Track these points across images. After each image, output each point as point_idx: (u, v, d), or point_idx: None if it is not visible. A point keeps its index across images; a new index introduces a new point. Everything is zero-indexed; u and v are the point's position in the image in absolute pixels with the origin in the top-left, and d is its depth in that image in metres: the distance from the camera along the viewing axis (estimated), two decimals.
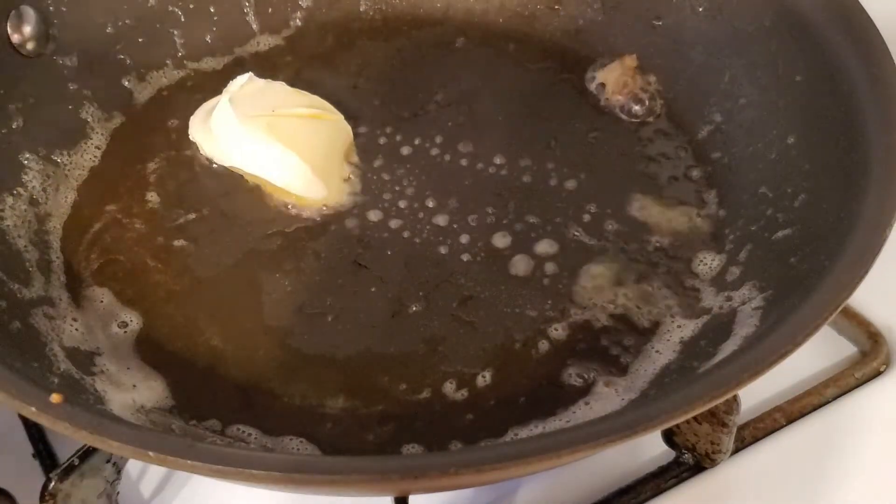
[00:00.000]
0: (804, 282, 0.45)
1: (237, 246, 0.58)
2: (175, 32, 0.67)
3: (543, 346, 0.52)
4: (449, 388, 0.51)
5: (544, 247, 0.57)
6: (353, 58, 0.69)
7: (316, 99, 0.61)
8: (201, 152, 0.61)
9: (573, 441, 0.37)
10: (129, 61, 0.65)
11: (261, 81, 0.61)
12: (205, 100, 0.64)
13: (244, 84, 0.60)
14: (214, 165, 0.61)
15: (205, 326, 0.54)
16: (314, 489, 0.44)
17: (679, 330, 0.52)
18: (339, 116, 0.61)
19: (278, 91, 0.61)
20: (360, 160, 0.62)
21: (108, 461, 0.50)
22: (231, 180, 0.61)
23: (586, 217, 0.59)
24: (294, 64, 0.68)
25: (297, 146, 0.58)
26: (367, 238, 0.58)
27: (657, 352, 0.51)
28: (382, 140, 0.64)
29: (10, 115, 0.58)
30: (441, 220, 0.59)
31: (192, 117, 0.62)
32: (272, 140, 0.58)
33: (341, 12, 0.72)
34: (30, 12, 0.60)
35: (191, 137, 0.62)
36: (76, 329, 0.52)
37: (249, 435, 0.48)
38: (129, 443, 0.37)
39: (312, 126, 0.59)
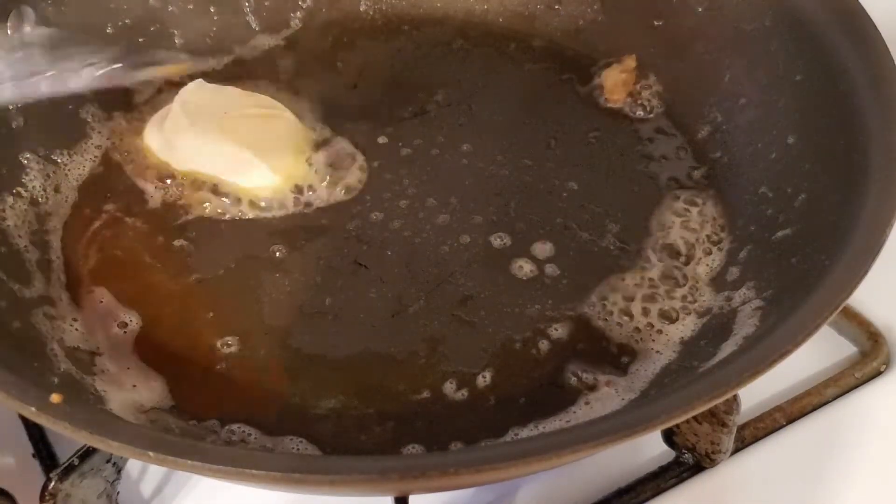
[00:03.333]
0: (804, 282, 0.45)
1: (237, 246, 0.58)
2: (175, 32, 0.67)
3: (543, 346, 0.52)
4: (449, 388, 0.51)
5: (544, 247, 0.57)
6: (353, 58, 0.69)
7: (265, 99, 0.62)
8: (157, 158, 0.61)
9: (573, 441, 0.37)
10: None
11: (211, 86, 0.62)
12: None
13: (194, 90, 0.61)
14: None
15: (205, 326, 0.54)
16: (314, 489, 0.44)
17: (679, 330, 0.52)
18: (289, 113, 0.62)
19: (229, 94, 0.62)
20: (363, 161, 0.62)
21: (108, 461, 0.50)
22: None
23: (586, 217, 0.59)
24: (294, 64, 0.68)
25: (250, 144, 0.59)
26: (368, 238, 0.58)
27: (657, 352, 0.51)
28: (382, 140, 0.64)
29: (10, 115, 0.58)
30: (441, 220, 0.59)
31: (147, 125, 0.62)
32: (226, 140, 0.59)
33: (341, 12, 0.72)
34: (30, 12, 0.60)
35: (146, 144, 0.62)
36: (76, 329, 0.52)
37: (249, 435, 0.48)
38: (129, 443, 0.37)
39: (263, 124, 0.60)
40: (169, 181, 0.60)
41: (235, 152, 0.59)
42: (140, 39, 0.66)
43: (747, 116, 0.60)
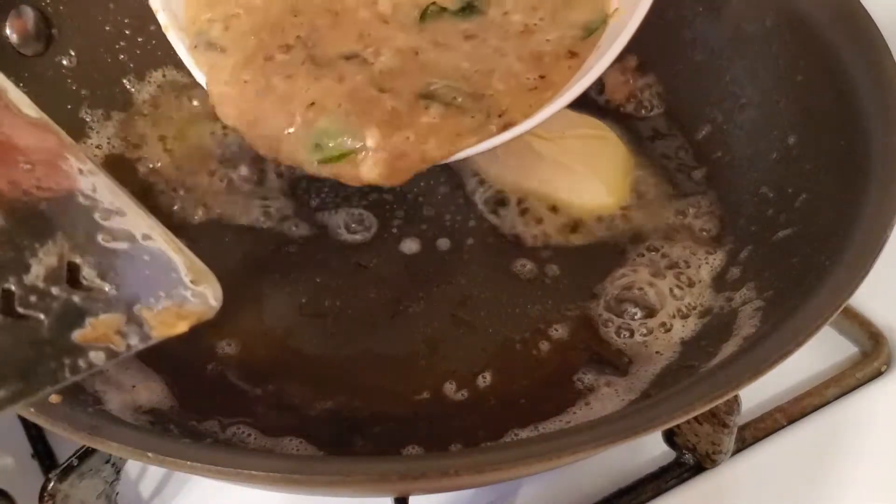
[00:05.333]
0: (805, 282, 0.45)
1: (237, 246, 0.58)
2: None
3: (543, 346, 0.52)
4: (449, 388, 0.51)
5: (545, 247, 0.57)
6: None
7: (593, 120, 0.61)
8: (489, 177, 0.60)
9: (573, 442, 0.37)
10: (129, 61, 0.65)
11: None
12: (205, 100, 0.64)
13: None
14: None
15: (204, 327, 0.53)
16: (314, 490, 0.44)
17: (679, 330, 0.52)
18: (614, 135, 0.61)
19: (557, 113, 0.61)
20: None
21: (106, 462, 0.50)
22: (230, 181, 0.61)
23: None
24: None
25: (588, 165, 0.59)
26: (368, 238, 0.58)
27: (657, 352, 0.51)
28: None
29: None
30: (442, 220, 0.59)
31: None
32: (566, 161, 0.58)
33: None
34: (29, 12, 0.60)
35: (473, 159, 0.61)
36: None
37: (249, 436, 0.48)
38: (128, 444, 0.37)
39: (596, 146, 0.60)
40: (182, 192, 0.60)
41: (575, 173, 0.58)
42: (140, 39, 0.66)
43: (748, 116, 0.59)
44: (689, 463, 0.54)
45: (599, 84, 0.66)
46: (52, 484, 0.48)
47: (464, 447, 0.48)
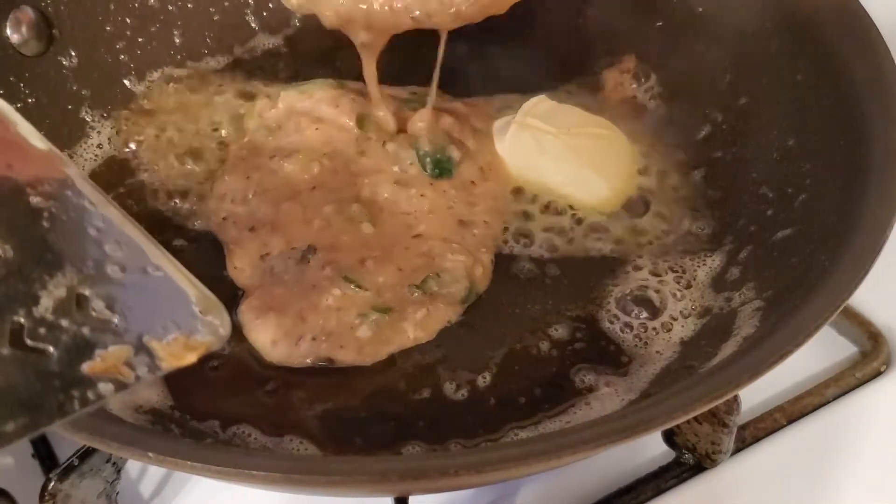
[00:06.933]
0: (804, 282, 0.45)
1: None
2: (175, 32, 0.67)
3: (544, 346, 0.52)
4: (449, 388, 0.51)
5: (545, 247, 0.57)
6: (352, 58, 0.69)
7: (601, 119, 0.62)
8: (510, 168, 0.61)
9: (573, 442, 0.37)
10: (129, 61, 0.65)
11: (551, 103, 0.62)
12: (204, 99, 0.64)
13: (536, 105, 0.61)
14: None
15: None
16: (314, 490, 0.44)
17: (679, 330, 0.52)
18: (621, 134, 0.62)
19: (568, 112, 0.62)
20: None
21: (107, 461, 0.50)
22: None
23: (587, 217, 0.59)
24: (293, 64, 0.68)
25: (591, 162, 0.59)
26: None
27: (657, 352, 0.51)
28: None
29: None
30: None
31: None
32: (569, 156, 0.59)
33: None
34: (29, 12, 0.60)
35: (497, 150, 0.61)
36: None
37: (249, 435, 0.48)
38: (129, 444, 0.37)
39: (601, 144, 0.61)
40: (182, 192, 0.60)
41: (578, 169, 0.59)
42: (140, 39, 0.66)
43: (748, 116, 0.59)
44: (688, 463, 0.54)
45: (599, 83, 0.66)
46: (52, 483, 0.48)
47: (463, 447, 0.48)
